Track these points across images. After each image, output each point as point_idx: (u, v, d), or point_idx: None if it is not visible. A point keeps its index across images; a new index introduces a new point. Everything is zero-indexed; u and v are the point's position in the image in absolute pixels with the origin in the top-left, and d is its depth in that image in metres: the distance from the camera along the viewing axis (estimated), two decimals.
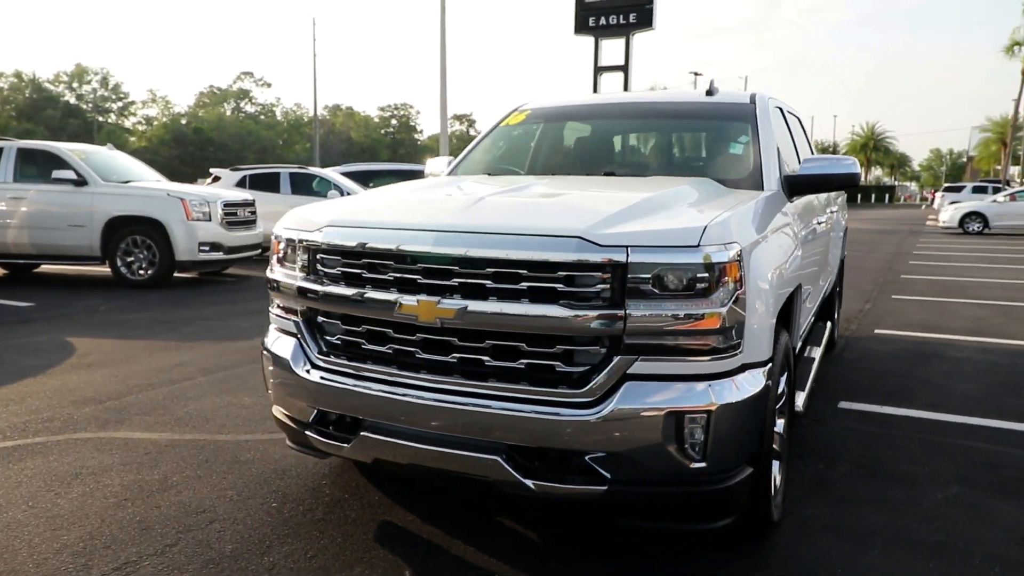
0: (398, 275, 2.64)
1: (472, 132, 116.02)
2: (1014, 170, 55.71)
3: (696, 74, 46.43)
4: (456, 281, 2.53)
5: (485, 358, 2.53)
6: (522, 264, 2.44)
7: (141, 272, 10.00)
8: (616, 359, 2.38)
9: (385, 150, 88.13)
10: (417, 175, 17.17)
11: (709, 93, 4.14)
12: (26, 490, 3.34)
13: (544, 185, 3.20)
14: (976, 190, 36.71)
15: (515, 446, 2.50)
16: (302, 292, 2.88)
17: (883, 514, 3.19)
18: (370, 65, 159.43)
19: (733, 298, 2.39)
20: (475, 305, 2.48)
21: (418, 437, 2.62)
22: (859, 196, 72.66)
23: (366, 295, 2.68)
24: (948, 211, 26.23)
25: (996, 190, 33.15)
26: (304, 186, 14.22)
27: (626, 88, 33.94)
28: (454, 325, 2.52)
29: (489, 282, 2.49)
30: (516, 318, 2.44)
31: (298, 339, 2.94)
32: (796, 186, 3.56)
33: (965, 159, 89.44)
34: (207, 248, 10.12)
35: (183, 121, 76.53)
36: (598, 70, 34.00)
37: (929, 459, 3.81)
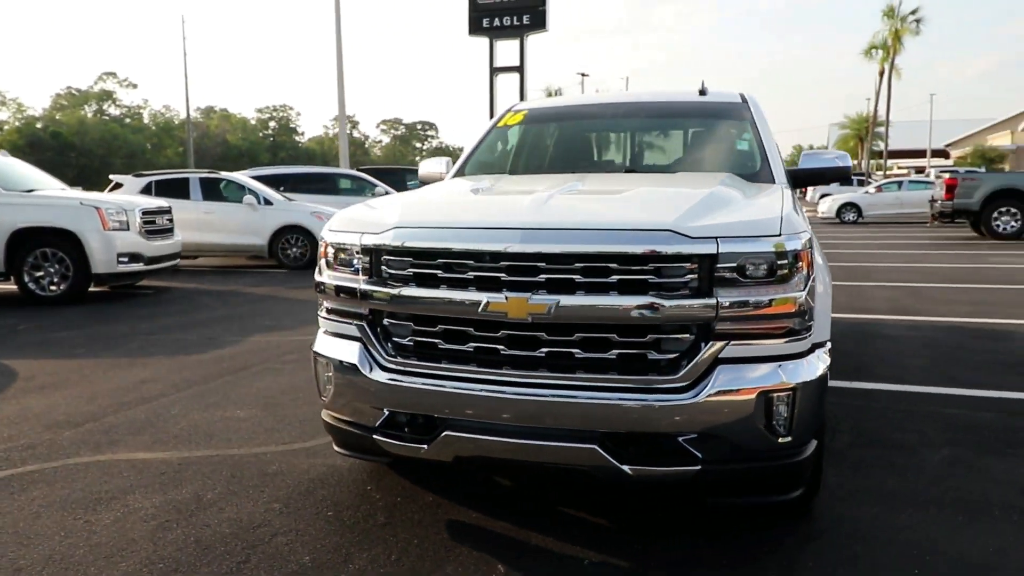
0: (479, 274, 2.67)
1: (356, 134, 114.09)
2: (871, 163, 60.55)
3: (583, 75, 47.67)
4: (543, 277, 2.60)
5: (575, 351, 2.61)
6: (614, 257, 2.53)
7: (53, 287, 9.32)
8: (709, 345, 2.52)
9: (265, 153, 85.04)
10: (329, 179, 16.82)
11: (702, 92, 4.36)
12: (50, 520, 3.13)
13: (590, 183, 3.29)
14: (842, 183, 39.70)
15: (608, 433, 2.59)
16: (367, 295, 2.86)
17: (896, 478, 3.49)
18: (245, 65, 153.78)
19: (806, 283, 2.58)
20: (567, 299, 2.56)
21: (508, 432, 2.67)
22: None
23: (446, 295, 2.70)
24: (826, 202, 28.22)
25: (861, 183, 35.95)
26: (216, 191, 13.66)
27: (522, 89, 34.43)
28: (544, 320, 2.58)
29: (579, 276, 2.57)
30: (609, 310, 2.53)
31: (362, 343, 2.92)
32: (798, 179, 3.83)
33: None
34: (126, 259, 9.56)
35: (38, 125, 70.91)
36: (494, 71, 34.43)
37: (914, 426, 4.18)
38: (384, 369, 2.85)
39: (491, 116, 35.02)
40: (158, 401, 4.88)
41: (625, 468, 2.56)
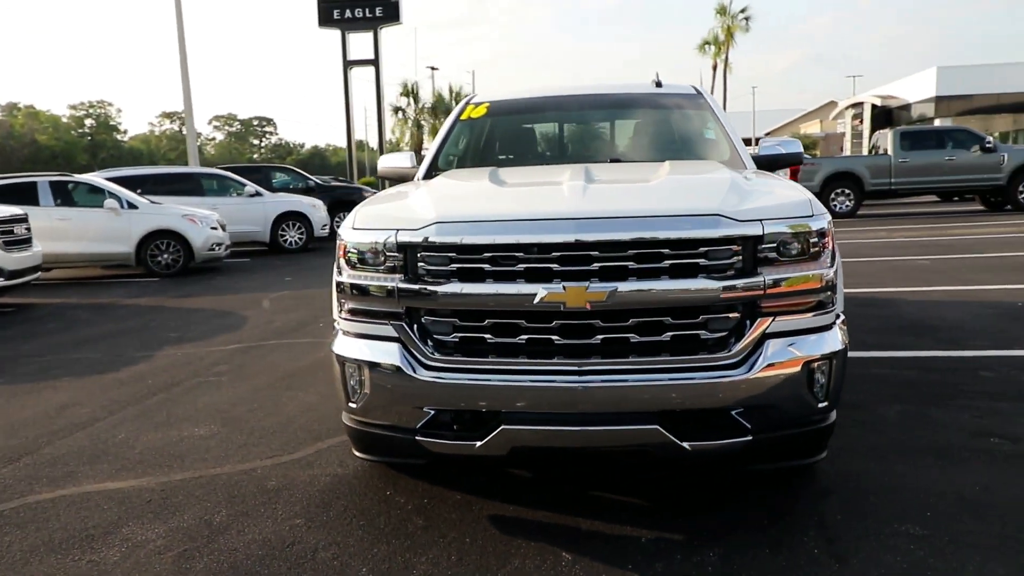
0: (530, 265, 2.67)
1: (185, 131, 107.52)
2: None
3: (433, 68, 47.35)
4: (597, 265, 2.64)
5: (631, 335, 2.68)
6: (667, 243, 2.62)
7: None
8: (758, 321, 2.67)
9: (83, 154, 78.07)
10: (193, 179, 15.78)
11: (658, 85, 4.55)
12: (46, 567, 2.80)
13: (600, 173, 3.34)
14: None
15: (665, 412, 2.68)
16: (405, 293, 2.78)
17: (871, 434, 3.83)
18: (53, 57, 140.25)
19: (832, 259, 2.79)
20: (624, 286, 2.62)
21: (569, 420, 2.70)
22: None
23: (496, 289, 2.68)
24: None
25: None
26: (68, 196, 12.49)
27: (378, 84, 33.89)
28: (602, 308, 2.63)
29: (632, 263, 2.64)
30: (665, 293, 2.62)
31: (400, 342, 2.83)
32: (760, 165, 4.09)
33: None
34: None
35: None
36: (347, 64, 33.74)
37: (858, 387, 4.59)
38: (428, 368, 2.79)
39: (347, 111, 34.21)
40: (95, 426, 4.45)
41: (685, 444, 2.67)
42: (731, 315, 2.69)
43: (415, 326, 2.82)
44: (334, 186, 21.06)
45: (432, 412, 2.82)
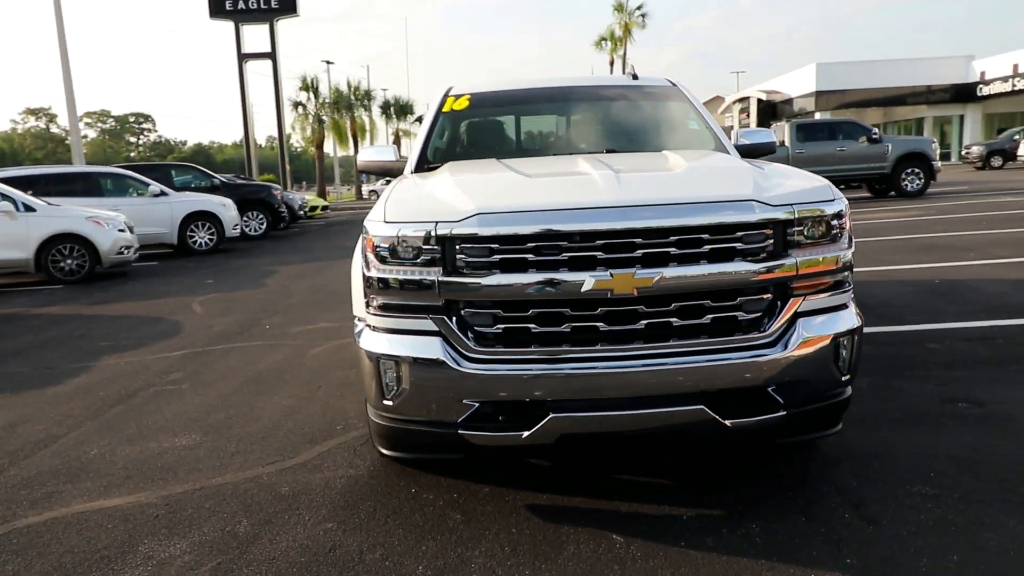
0: (574, 254, 2.70)
1: (54, 128, 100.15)
2: None
3: (328, 62, 46.35)
4: (640, 252, 2.70)
5: (673, 319, 2.75)
6: (707, 228, 2.71)
7: None
8: (790, 301, 2.80)
9: None
10: (91, 179, 14.79)
11: (635, 77, 4.64)
12: None
13: (612, 162, 3.39)
14: None
15: (708, 392, 2.78)
16: (445, 286, 2.74)
17: (852, 405, 4.06)
18: None
19: (850, 240, 2.96)
20: (669, 271, 2.69)
21: (617, 405, 2.74)
22: None
23: (541, 279, 2.69)
24: None
25: None
26: None
27: (276, 78, 32.80)
28: (648, 293, 2.69)
29: (673, 249, 2.71)
30: (708, 277, 2.71)
31: (442, 336, 2.79)
32: (742, 153, 4.26)
33: None
34: None
35: None
36: (243, 57, 32.51)
37: None
38: (471, 360, 2.77)
39: (243, 106, 32.98)
40: (58, 443, 4.14)
41: (727, 422, 2.77)
42: (765, 296, 2.81)
43: (454, 319, 2.79)
44: (241, 184, 20.29)
45: (476, 405, 2.80)
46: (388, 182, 3.94)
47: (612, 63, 47.03)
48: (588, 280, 2.67)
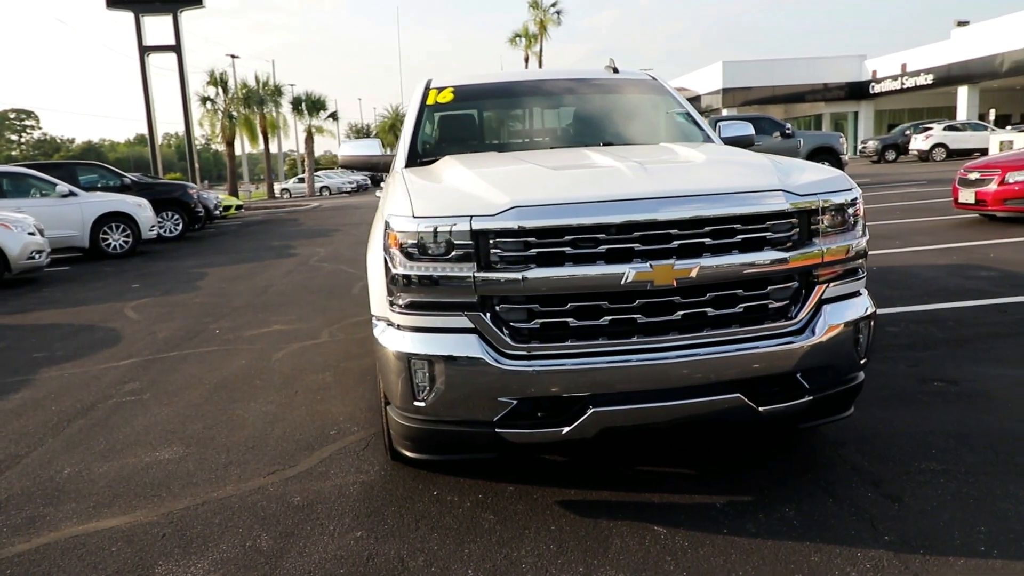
0: (612, 246, 2.68)
1: None
2: None
3: (233, 56, 44.73)
4: (676, 243, 2.71)
5: (707, 309, 2.78)
6: (740, 218, 2.74)
7: None
8: (816, 289, 2.87)
9: None
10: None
11: (615, 71, 4.66)
12: None
13: (628, 153, 3.39)
14: None
15: (743, 380, 2.81)
16: (484, 282, 2.68)
17: None
18: None
19: (864, 229, 3.06)
20: (706, 261, 2.71)
21: (658, 396, 2.74)
22: None
23: (582, 272, 2.66)
24: None
25: None
26: None
27: (181, 71, 31.42)
28: (686, 284, 2.70)
29: (708, 239, 2.73)
30: (741, 267, 2.74)
31: (479, 333, 2.72)
32: (727, 144, 4.34)
33: None
34: None
35: None
36: (144, 50, 30.96)
37: None
38: (510, 357, 2.71)
39: (147, 101, 31.45)
40: (21, 464, 3.83)
41: (761, 409, 2.81)
42: (792, 284, 2.87)
43: (489, 315, 2.72)
44: (154, 183, 19.32)
45: (514, 403, 2.74)
46: (381, 182, 3.81)
47: (527, 59, 47.29)
48: (629, 272, 2.66)
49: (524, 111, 4.42)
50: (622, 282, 2.66)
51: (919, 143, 31.62)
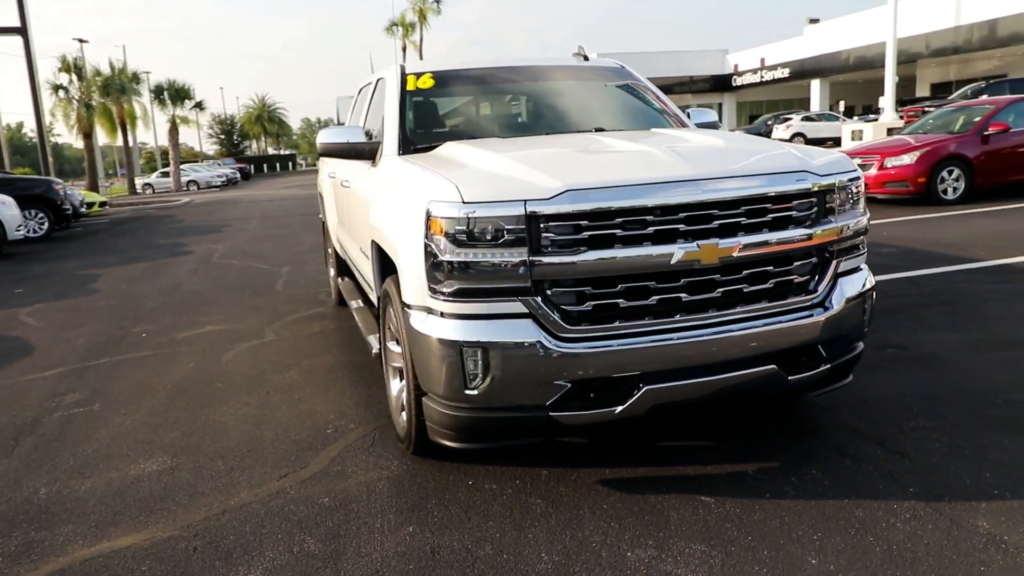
0: (659, 228, 2.76)
1: None
2: None
3: (82, 40, 41.27)
4: (717, 223, 2.82)
5: (743, 286, 2.91)
6: (771, 198, 2.89)
7: None
8: (832, 264, 3.07)
9: None
10: None
11: (585, 58, 4.73)
12: None
13: (640, 138, 3.45)
14: None
15: (775, 352, 2.97)
16: (539, 266, 2.68)
17: None
18: None
19: (865, 208, 3.29)
20: (744, 240, 2.84)
21: (703, 371, 2.85)
22: (265, 166, 75.81)
23: (633, 253, 2.72)
24: None
25: None
26: None
27: (28, 56, 28.84)
28: (728, 262, 2.82)
29: (743, 218, 2.86)
30: (776, 243, 2.90)
31: (533, 318, 2.72)
32: None
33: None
34: None
35: None
36: None
37: None
38: (565, 340, 2.73)
39: None
40: None
41: (791, 379, 2.99)
42: (812, 260, 3.05)
43: (542, 299, 2.73)
44: (15, 179, 17.65)
45: (568, 385, 2.77)
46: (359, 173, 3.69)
47: (404, 49, 46.67)
48: (677, 252, 2.74)
49: (510, 97, 4.40)
50: (672, 262, 2.74)
51: (780, 132, 33.81)
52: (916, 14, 30.71)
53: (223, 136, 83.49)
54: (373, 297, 4.08)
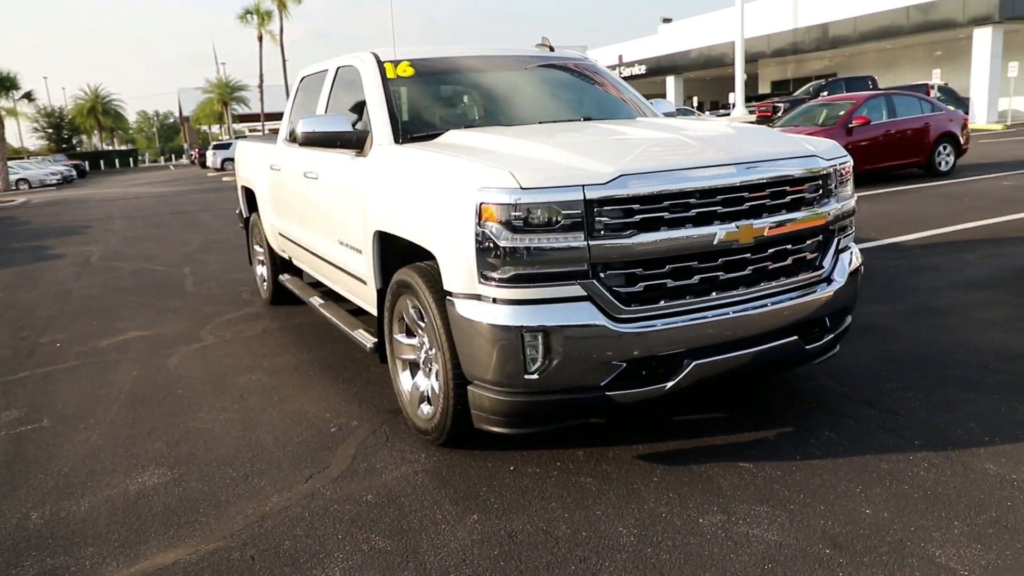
0: (700, 210, 2.91)
1: None
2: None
3: None
4: (747, 205, 3.00)
5: (768, 263, 3.11)
6: (791, 180, 3.11)
7: None
8: (833, 242, 3.34)
9: None
10: None
11: (551, 49, 4.80)
12: None
13: (648, 125, 3.56)
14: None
15: (797, 324, 3.19)
16: (596, 250, 2.75)
17: None
18: None
19: (853, 189, 3.59)
20: (773, 219, 3.04)
21: (740, 344, 3.03)
22: (102, 163, 70.26)
23: (682, 235, 2.85)
24: (211, 156, 39.76)
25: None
26: None
27: None
28: (760, 241, 3.01)
29: (768, 200, 3.06)
30: (797, 222, 3.12)
31: (592, 300, 2.79)
32: None
33: (178, 119, 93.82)
34: None
35: None
36: None
37: None
38: (621, 321, 2.82)
39: None
40: None
41: (807, 348, 3.23)
42: (819, 238, 3.30)
43: (599, 282, 2.80)
44: None
45: (623, 365, 2.85)
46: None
47: (261, 38, 44.65)
48: (719, 232, 2.89)
49: (491, 86, 4.38)
50: (714, 242, 2.89)
51: None
52: (759, 17, 33.10)
53: (51, 130, 76.40)
54: (365, 291, 3.97)
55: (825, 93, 25.28)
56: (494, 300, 2.82)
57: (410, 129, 3.83)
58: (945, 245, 7.22)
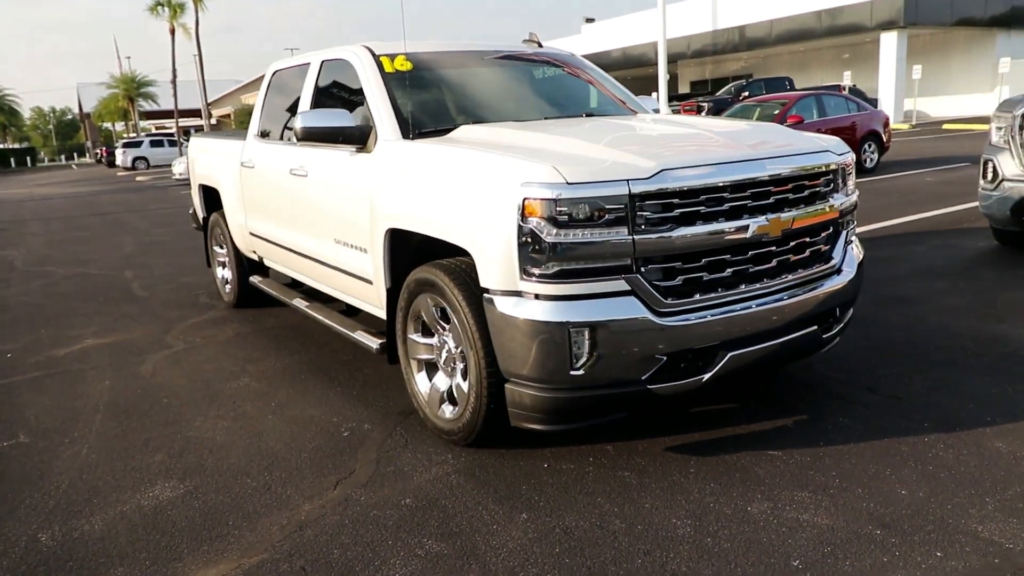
0: (732, 204, 2.97)
1: None
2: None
3: None
4: (773, 198, 3.09)
5: (790, 256, 3.20)
6: (816, 174, 3.22)
7: None
8: (842, 234, 3.46)
9: None
10: None
11: (539, 45, 4.78)
12: None
13: (660, 122, 3.60)
14: (153, 144, 41.20)
15: (816, 314, 3.29)
16: (640, 245, 2.77)
17: None
18: None
19: (855, 183, 3.72)
20: (798, 212, 3.13)
21: (770, 335, 3.11)
22: None
23: (718, 228, 2.91)
24: (120, 155, 40.16)
25: (172, 143, 39.44)
26: None
27: None
28: (787, 233, 3.09)
29: (790, 193, 3.15)
30: (818, 215, 3.23)
31: (635, 294, 2.80)
32: None
33: (77, 116, 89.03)
34: None
35: None
36: None
37: None
38: (664, 314, 2.84)
39: None
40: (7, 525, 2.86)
41: (824, 336, 3.34)
42: (830, 231, 3.41)
43: (642, 276, 2.82)
44: None
45: (664, 358, 2.88)
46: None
47: (173, 32, 42.78)
48: (752, 225, 2.96)
49: (490, 80, 4.33)
50: (748, 235, 2.95)
51: None
52: (680, 18, 33.97)
53: None
54: (368, 291, 3.88)
55: (746, 93, 26.21)
56: (536, 296, 2.80)
57: (416, 124, 3.76)
58: (892, 238, 7.59)
